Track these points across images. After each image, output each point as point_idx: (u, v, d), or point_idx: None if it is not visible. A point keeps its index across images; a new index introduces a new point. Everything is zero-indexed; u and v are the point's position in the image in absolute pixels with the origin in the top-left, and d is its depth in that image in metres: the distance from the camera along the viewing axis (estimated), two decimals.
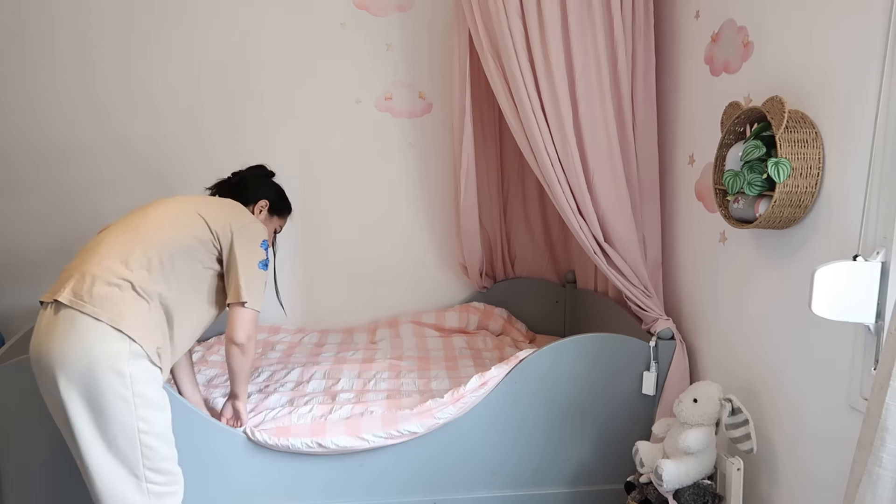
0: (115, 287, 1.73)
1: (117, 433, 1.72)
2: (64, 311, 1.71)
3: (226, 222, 1.93)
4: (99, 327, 1.69)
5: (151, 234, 1.83)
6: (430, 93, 3.15)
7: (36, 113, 2.97)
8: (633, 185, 2.45)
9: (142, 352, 1.73)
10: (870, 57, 1.50)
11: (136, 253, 1.79)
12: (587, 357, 2.27)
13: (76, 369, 1.67)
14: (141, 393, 1.73)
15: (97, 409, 1.70)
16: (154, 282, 1.79)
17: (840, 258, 1.51)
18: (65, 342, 1.68)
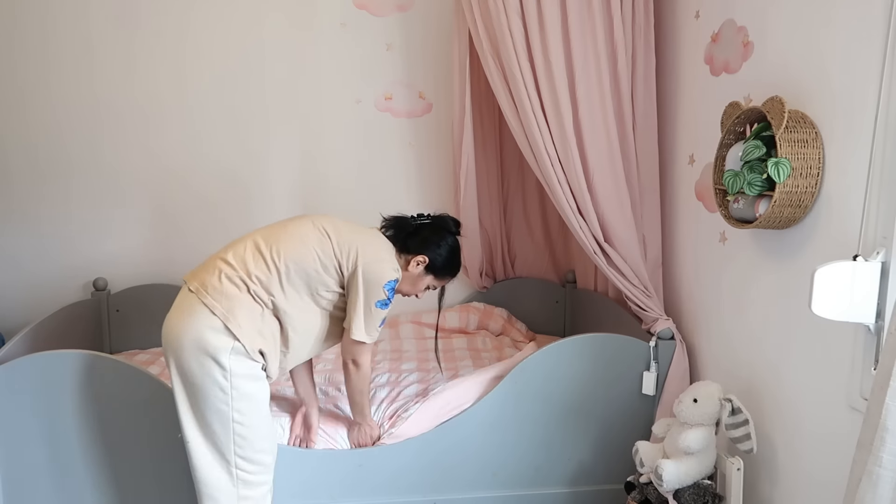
0: (236, 287, 1.86)
1: (213, 418, 1.84)
2: (191, 295, 1.86)
3: (354, 254, 1.94)
4: (212, 320, 1.81)
5: (280, 246, 1.92)
6: (430, 93, 3.15)
7: (35, 112, 2.96)
8: (633, 185, 2.45)
9: (243, 349, 1.83)
10: (870, 57, 1.50)
11: (260, 261, 1.90)
12: (587, 357, 2.27)
13: (186, 351, 1.81)
14: (238, 386, 1.84)
15: (197, 391, 1.83)
16: (269, 291, 1.89)
17: (840, 258, 1.51)
18: (182, 324, 1.83)
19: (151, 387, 2.08)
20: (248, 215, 3.14)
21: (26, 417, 2.04)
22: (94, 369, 2.06)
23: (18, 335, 2.24)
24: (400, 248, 2.08)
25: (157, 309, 3.00)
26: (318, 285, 1.93)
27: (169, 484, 2.14)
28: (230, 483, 1.88)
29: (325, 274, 1.93)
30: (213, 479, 1.87)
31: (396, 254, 2.06)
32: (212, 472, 1.87)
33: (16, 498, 2.08)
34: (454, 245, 2.14)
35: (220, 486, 1.88)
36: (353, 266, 1.93)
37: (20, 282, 3.03)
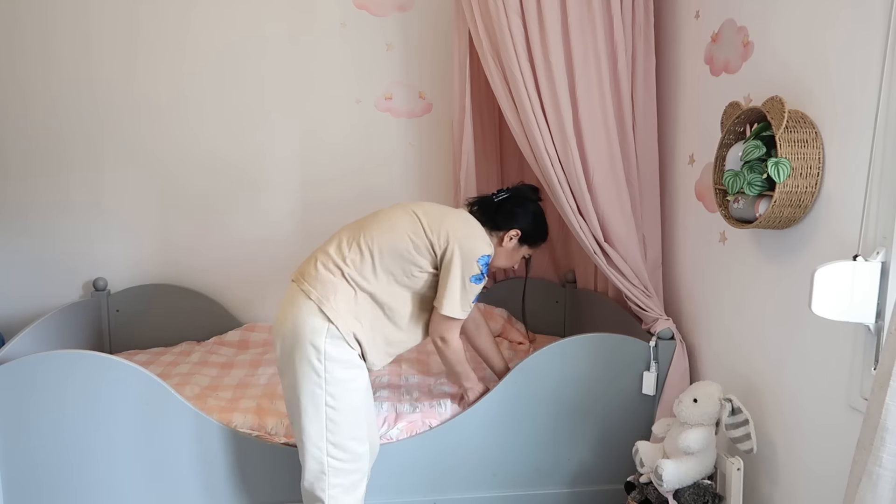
0: (330, 273, 1.96)
1: (308, 402, 1.91)
2: (292, 285, 2.00)
3: (445, 232, 2.00)
4: (308, 304, 1.91)
5: (372, 231, 2.00)
6: (430, 93, 3.15)
7: (35, 112, 2.96)
8: (633, 185, 2.45)
9: (338, 333, 1.91)
10: (870, 57, 1.50)
11: (354, 247, 1.99)
12: (587, 357, 2.27)
13: (287, 336, 1.92)
14: (332, 370, 1.90)
15: (295, 375, 1.91)
16: (363, 275, 1.96)
17: (840, 258, 1.51)
18: (283, 312, 1.96)
19: (151, 387, 2.08)
20: (249, 215, 3.15)
21: (26, 417, 2.04)
22: (94, 369, 2.06)
23: (18, 335, 2.24)
24: (490, 227, 2.14)
25: (157, 309, 3.06)
26: (411, 267, 1.99)
27: (169, 484, 2.14)
28: (320, 469, 1.93)
29: (417, 254, 1.98)
30: (307, 465, 1.94)
31: (487, 231, 2.13)
32: (306, 458, 1.94)
33: (16, 498, 2.08)
34: (538, 211, 2.23)
35: (313, 472, 1.94)
36: (446, 243, 1.99)
37: (20, 282, 3.03)
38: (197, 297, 3.10)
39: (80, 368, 2.05)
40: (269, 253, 3.17)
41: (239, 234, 3.16)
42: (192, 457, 2.14)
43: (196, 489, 2.16)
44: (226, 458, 2.15)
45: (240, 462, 2.16)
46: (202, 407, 2.23)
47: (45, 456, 2.07)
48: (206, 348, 2.95)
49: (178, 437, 2.12)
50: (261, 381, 2.56)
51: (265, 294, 3.18)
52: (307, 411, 1.91)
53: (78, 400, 2.06)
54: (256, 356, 2.86)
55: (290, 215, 3.17)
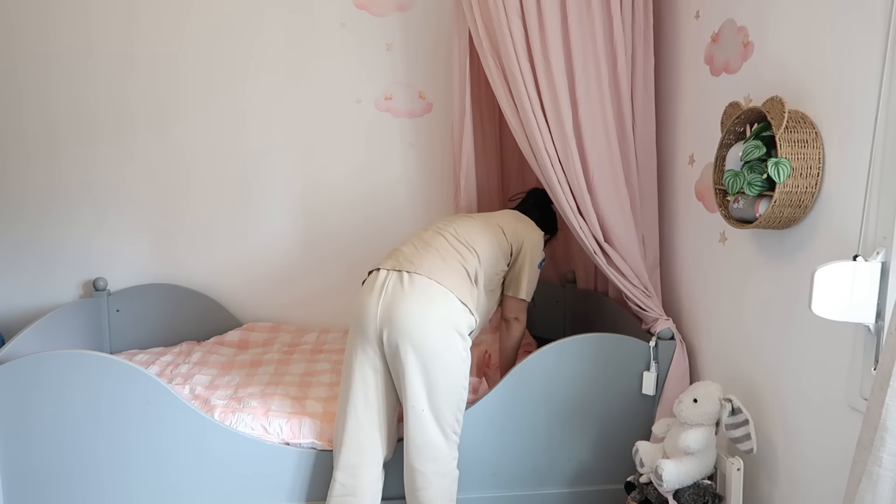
0: (459, 270, 2.13)
1: (448, 389, 2.05)
2: (419, 279, 2.07)
3: (520, 236, 2.35)
4: (451, 298, 2.06)
5: (472, 238, 2.23)
6: (430, 93, 3.15)
7: (35, 112, 2.97)
8: (633, 185, 2.45)
9: (474, 323, 2.13)
10: (870, 57, 1.50)
11: (464, 250, 2.19)
12: (587, 357, 2.27)
13: (433, 330, 2.03)
14: (469, 354, 2.12)
15: (437, 366, 2.02)
16: (477, 274, 2.17)
17: (840, 258, 1.51)
18: (427, 308, 2.04)
19: (151, 387, 2.08)
20: (249, 215, 3.15)
21: (26, 417, 2.04)
22: (94, 369, 2.06)
23: (18, 335, 2.25)
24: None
25: (158, 309, 3.06)
26: (495, 268, 2.25)
27: (169, 483, 2.14)
28: (448, 446, 2.08)
29: (501, 259, 2.28)
30: (436, 444, 2.06)
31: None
32: (436, 438, 2.05)
33: (16, 498, 2.08)
34: (553, 211, 2.59)
35: (441, 449, 2.07)
36: (521, 244, 2.33)
37: (20, 282, 3.03)
38: (197, 297, 3.11)
39: (80, 368, 2.05)
40: (270, 253, 3.17)
41: (239, 234, 3.16)
42: (192, 457, 2.14)
43: (196, 489, 2.16)
44: (226, 458, 2.15)
45: (240, 462, 2.16)
46: (202, 407, 2.23)
47: (46, 456, 2.07)
48: (206, 348, 2.95)
49: (178, 437, 2.12)
50: (261, 381, 2.56)
51: (265, 294, 3.18)
52: (450, 395, 2.05)
53: (78, 400, 2.06)
54: (256, 356, 2.86)
55: (290, 215, 3.17)
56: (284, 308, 3.20)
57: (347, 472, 2.07)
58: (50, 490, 2.09)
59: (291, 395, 2.41)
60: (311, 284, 3.21)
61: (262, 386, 2.51)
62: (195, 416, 2.12)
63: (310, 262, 3.20)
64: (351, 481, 2.07)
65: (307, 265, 3.20)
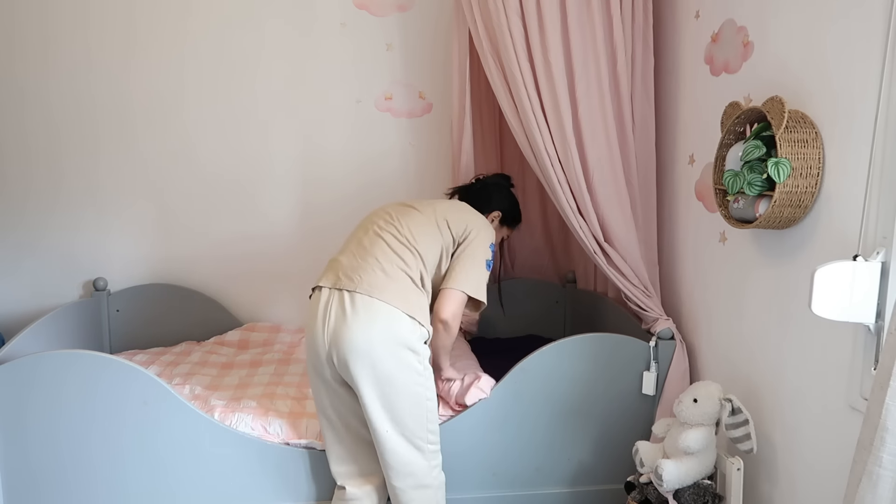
0: (401, 279, 2.01)
1: (409, 404, 1.97)
2: (360, 298, 1.95)
3: (465, 225, 2.15)
4: (395, 313, 1.95)
5: (414, 235, 2.07)
6: (430, 93, 3.15)
7: (34, 112, 2.96)
8: (633, 185, 2.45)
9: (426, 334, 2.03)
10: (870, 57, 1.50)
11: (406, 252, 2.04)
12: (587, 357, 2.27)
13: (382, 350, 1.93)
14: (427, 365, 2.03)
15: (393, 384, 1.94)
16: (423, 276, 2.06)
17: (840, 258, 1.51)
18: (371, 328, 1.92)
19: (151, 387, 2.08)
20: (249, 215, 3.15)
21: (26, 417, 2.04)
22: (94, 369, 2.06)
23: (18, 335, 2.24)
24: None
25: (157, 309, 3.06)
26: (442, 263, 2.11)
27: (168, 483, 2.14)
28: (423, 458, 2.02)
29: (444, 253, 2.11)
30: (408, 460, 2.00)
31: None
32: (407, 454, 2.00)
33: (16, 498, 2.08)
34: (513, 196, 2.47)
35: (416, 463, 2.01)
36: (464, 234, 2.13)
37: (20, 282, 3.03)
38: (197, 297, 3.11)
39: (77, 368, 2.04)
40: (270, 253, 3.17)
41: (239, 234, 3.15)
42: (191, 457, 2.14)
43: (196, 489, 2.16)
44: (226, 458, 2.15)
45: (240, 462, 2.16)
46: (202, 407, 2.23)
47: (45, 456, 2.07)
48: (206, 348, 2.95)
49: (178, 437, 2.12)
50: (261, 381, 2.55)
51: (265, 294, 3.18)
52: (412, 411, 1.98)
53: (76, 400, 2.05)
54: (256, 356, 2.86)
55: (290, 215, 3.17)
56: (284, 308, 3.20)
57: (349, 482, 2.08)
58: (50, 490, 2.09)
59: (291, 395, 2.41)
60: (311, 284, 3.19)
61: (262, 386, 2.50)
62: (195, 415, 2.12)
63: (310, 262, 3.19)
64: (357, 490, 2.08)
65: (307, 265, 3.19)
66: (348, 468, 2.09)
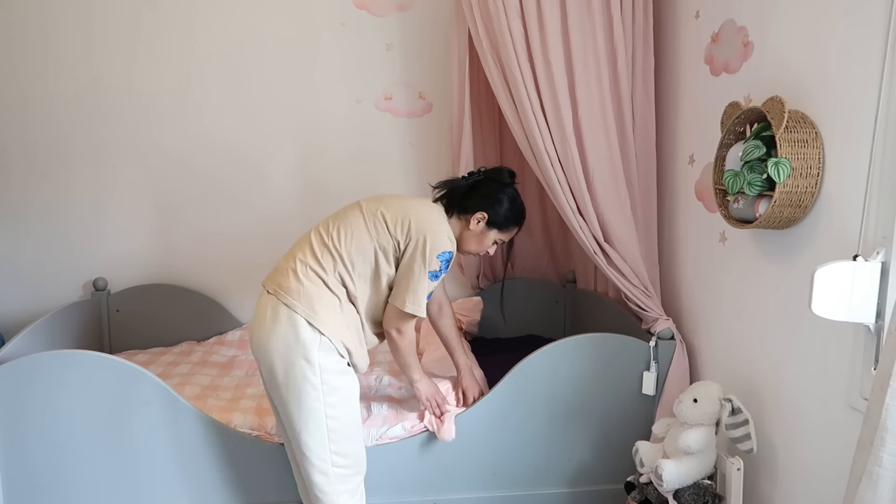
0: (311, 283, 1.89)
1: (307, 418, 1.88)
2: (270, 299, 1.90)
3: (408, 228, 1.94)
4: (295, 319, 1.85)
5: (340, 235, 1.94)
6: (430, 93, 3.15)
7: (34, 111, 2.96)
8: (633, 185, 2.46)
9: (330, 345, 1.88)
10: (870, 56, 1.50)
11: (326, 253, 1.93)
12: (587, 357, 2.27)
13: (274, 354, 1.86)
14: (328, 381, 1.88)
15: (289, 393, 1.87)
16: (342, 281, 1.93)
17: (840, 258, 1.51)
18: (266, 329, 1.87)
19: (151, 387, 2.08)
20: (249, 216, 3.15)
21: (26, 417, 2.04)
22: (94, 369, 2.06)
23: (18, 335, 2.24)
24: (459, 211, 2.07)
25: (157, 309, 3.06)
26: (380, 268, 1.96)
27: (168, 483, 2.14)
28: (327, 482, 1.93)
29: (384, 256, 1.95)
30: (312, 481, 1.93)
31: (456, 217, 2.07)
32: (310, 474, 1.92)
33: (16, 498, 2.08)
34: (513, 195, 2.11)
35: (319, 485, 1.93)
36: (409, 239, 1.94)
37: (20, 282, 3.03)
38: (197, 297, 3.11)
39: (77, 368, 2.05)
40: (270, 253, 3.13)
41: (239, 234, 3.15)
42: (191, 457, 2.14)
43: (196, 489, 2.16)
44: (226, 458, 2.15)
45: (240, 462, 2.16)
46: (202, 407, 2.23)
47: (45, 456, 2.07)
48: (207, 348, 2.95)
49: (178, 437, 2.12)
50: (261, 381, 2.55)
51: None
52: (308, 426, 1.88)
53: (76, 400, 2.06)
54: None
55: (290, 215, 3.16)
56: None
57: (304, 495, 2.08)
58: (50, 490, 2.09)
59: None
60: None
61: (262, 386, 2.50)
62: (195, 415, 2.12)
63: None
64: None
65: None
66: (298, 479, 2.08)
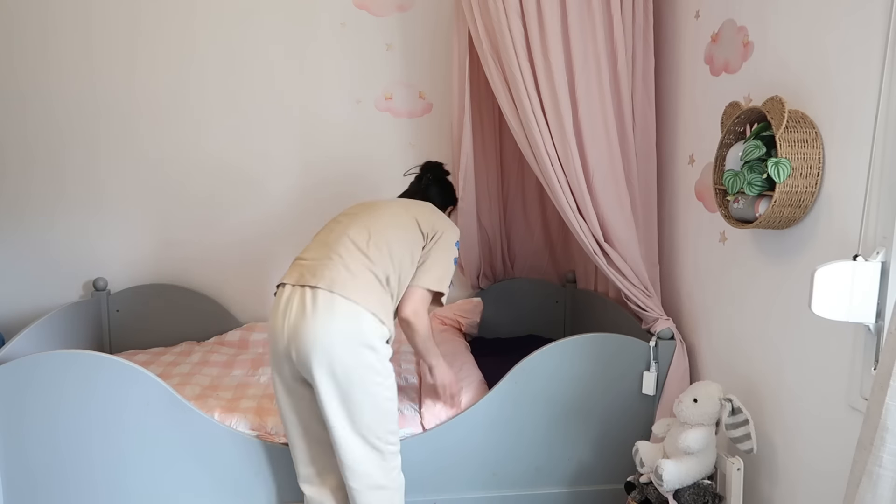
0: (364, 276, 1.97)
1: (367, 403, 1.94)
2: (322, 294, 1.92)
3: (432, 225, 2.16)
4: (355, 309, 1.91)
5: (386, 233, 2.06)
6: (430, 93, 3.15)
7: (35, 111, 2.96)
8: (633, 185, 2.45)
9: (387, 333, 1.98)
10: (870, 57, 1.50)
11: (372, 247, 2.02)
12: (587, 357, 2.27)
13: (340, 348, 1.89)
14: (387, 365, 1.98)
15: (351, 383, 1.91)
16: (387, 275, 2.02)
17: (840, 258, 1.51)
18: (330, 324, 1.89)
19: (151, 387, 2.08)
20: (249, 216, 3.15)
21: (26, 417, 2.04)
22: (94, 369, 2.06)
23: (18, 335, 2.24)
24: (440, 204, 2.37)
25: (157, 309, 3.06)
26: (409, 260, 2.08)
27: (168, 483, 2.14)
28: (382, 459, 1.99)
29: (416, 251, 2.10)
30: (365, 460, 1.97)
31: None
32: (364, 454, 1.97)
33: (16, 498, 2.08)
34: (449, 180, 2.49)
35: (372, 463, 1.98)
36: (433, 232, 2.14)
37: (20, 282, 3.03)
38: (197, 297, 3.11)
39: (76, 368, 2.04)
40: (270, 252, 3.17)
41: (239, 235, 3.16)
42: (192, 457, 2.14)
43: (196, 489, 2.16)
44: (226, 458, 2.15)
45: (240, 462, 2.16)
46: (202, 407, 2.23)
47: (45, 456, 2.07)
48: (207, 348, 2.95)
49: (178, 437, 2.12)
50: (261, 381, 2.56)
51: (265, 294, 3.18)
52: (370, 411, 1.94)
53: (75, 400, 2.05)
54: (257, 356, 2.86)
55: (290, 215, 3.17)
56: None
57: (308, 483, 2.09)
58: (50, 490, 2.09)
59: None
60: None
61: (262, 386, 2.50)
62: (195, 415, 2.12)
63: None
64: (317, 489, 2.08)
65: None
66: (307, 470, 2.08)
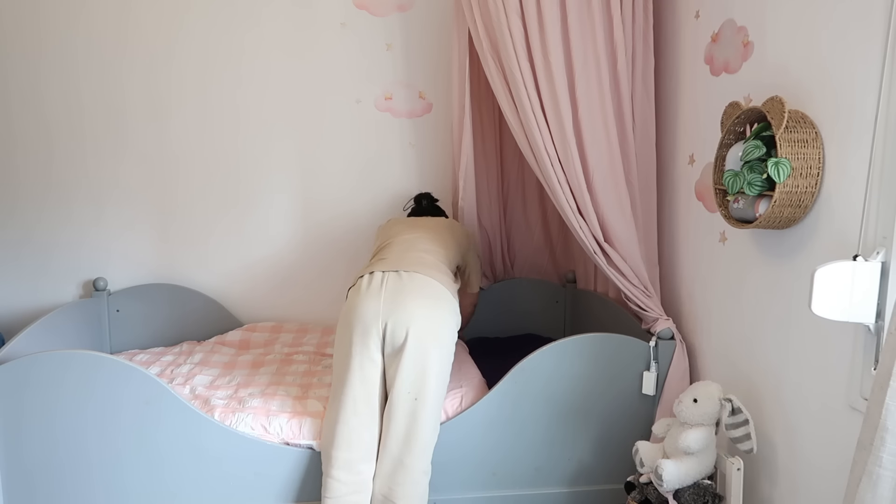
0: (445, 274, 2.26)
1: (437, 380, 2.11)
2: (420, 277, 2.16)
3: (466, 240, 2.63)
4: (450, 297, 2.20)
5: (442, 245, 2.40)
6: (430, 93, 3.15)
7: (35, 112, 2.96)
8: (633, 185, 2.45)
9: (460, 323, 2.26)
10: (870, 57, 1.50)
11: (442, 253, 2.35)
12: (587, 357, 2.27)
13: (432, 323, 2.12)
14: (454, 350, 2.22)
15: (432, 358, 2.09)
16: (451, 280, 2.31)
17: (840, 258, 1.51)
18: (425, 301, 2.12)
19: (149, 386, 2.08)
20: (249, 215, 3.15)
21: (25, 417, 2.04)
22: (93, 369, 2.06)
23: (18, 335, 2.24)
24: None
25: (157, 309, 3.06)
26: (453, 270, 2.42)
27: (168, 483, 2.14)
28: (431, 437, 2.14)
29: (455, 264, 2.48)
30: (422, 435, 2.09)
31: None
32: (422, 428, 2.09)
33: (16, 498, 2.08)
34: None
35: (426, 439, 2.11)
36: (468, 248, 2.62)
37: (20, 282, 3.03)
38: (197, 297, 3.11)
39: (75, 368, 2.05)
40: (270, 252, 3.17)
41: (239, 234, 3.16)
42: (191, 457, 2.14)
43: (195, 489, 2.16)
44: (226, 458, 2.15)
45: (240, 462, 2.16)
46: (202, 407, 2.23)
47: (44, 456, 2.07)
48: (207, 348, 2.95)
49: (178, 437, 2.12)
50: (261, 382, 2.55)
51: (265, 294, 3.18)
52: (438, 388, 2.13)
53: (74, 399, 2.06)
54: (258, 356, 2.86)
55: (291, 215, 3.17)
56: (285, 308, 3.20)
57: (348, 469, 2.07)
58: (49, 490, 2.09)
59: (292, 394, 2.41)
60: (312, 284, 3.21)
61: (262, 386, 2.50)
62: (195, 415, 2.12)
63: (310, 262, 3.21)
64: (354, 478, 2.07)
65: (308, 265, 3.21)
66: (346, 455, 2.08)
